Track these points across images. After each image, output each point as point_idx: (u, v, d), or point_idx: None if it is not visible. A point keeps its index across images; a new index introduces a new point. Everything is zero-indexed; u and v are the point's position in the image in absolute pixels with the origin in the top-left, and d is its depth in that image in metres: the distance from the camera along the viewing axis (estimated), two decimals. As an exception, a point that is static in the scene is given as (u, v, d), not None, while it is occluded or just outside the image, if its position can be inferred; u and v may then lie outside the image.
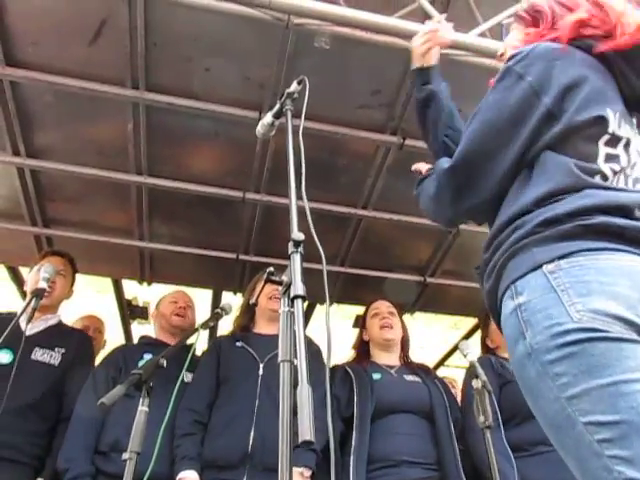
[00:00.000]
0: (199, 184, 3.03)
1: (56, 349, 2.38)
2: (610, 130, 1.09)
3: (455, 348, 4.55)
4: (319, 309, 4.06)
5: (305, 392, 0.90)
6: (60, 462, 2.10)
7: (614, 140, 1.09)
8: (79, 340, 2.52)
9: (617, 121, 1.10)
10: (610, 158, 1.08)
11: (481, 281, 1.16)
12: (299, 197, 1.27)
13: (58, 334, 2.47)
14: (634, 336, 0.88)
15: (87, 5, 2.25)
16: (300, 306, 1.05)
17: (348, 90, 2.62)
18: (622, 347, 0.87)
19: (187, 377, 2.27)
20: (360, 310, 2.90)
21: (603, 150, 1.08)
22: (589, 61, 1.15)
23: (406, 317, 3.91)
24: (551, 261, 0.98)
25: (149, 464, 1.53)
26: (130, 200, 3.14)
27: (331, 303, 3.90)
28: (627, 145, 1.10)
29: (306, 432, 0.84)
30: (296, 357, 0.98)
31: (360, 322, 2.80)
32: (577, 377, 0.87)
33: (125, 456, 1.47)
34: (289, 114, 1.51)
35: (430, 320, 5.76)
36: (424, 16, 2.23)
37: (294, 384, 0.95)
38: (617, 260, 0.95)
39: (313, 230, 1.16)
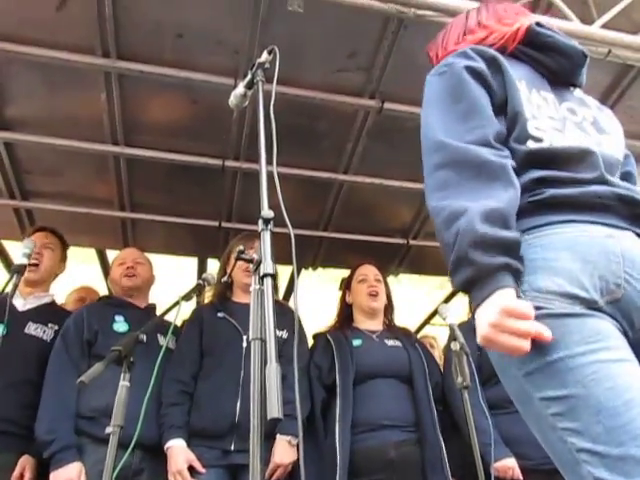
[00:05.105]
0: (177, 153, 2.99)
1: (49, 325, 2.34)
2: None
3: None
4: (304, 274, 4.08)
5: (273, 370, 0.92)
6: (41, 433, 2.00)
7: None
8: None
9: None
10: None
11: None
12: (270, 162, 1.26)
13: (52, 312, 2.43)
14: (577, 309, 0.90)
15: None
16: (269, 284, 1.06)
17: (324, 54, 2.56)
18: (566, 323, 0.89)
19: (171, 343, 2.27)
20: (345, 273, 2.92)
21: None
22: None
23: (390, 279, 3.97)
24: None
25: (136, 428, 1.54)
26: (109, 171, 3.11)
27: (316, 267, 3.93)
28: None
29: (274, 410, 0.87)
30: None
31: (345, 284, 2.77)
32: (529, 355, 0.89)
33: (109, 430, 1.50)
34: (260, 85, 1.49)
35: (416, 281, 5.83)
36: (400, -24, 2.18)
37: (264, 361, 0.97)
38: (562, 233, 0.96)
39: (281, 198, 1.17)
